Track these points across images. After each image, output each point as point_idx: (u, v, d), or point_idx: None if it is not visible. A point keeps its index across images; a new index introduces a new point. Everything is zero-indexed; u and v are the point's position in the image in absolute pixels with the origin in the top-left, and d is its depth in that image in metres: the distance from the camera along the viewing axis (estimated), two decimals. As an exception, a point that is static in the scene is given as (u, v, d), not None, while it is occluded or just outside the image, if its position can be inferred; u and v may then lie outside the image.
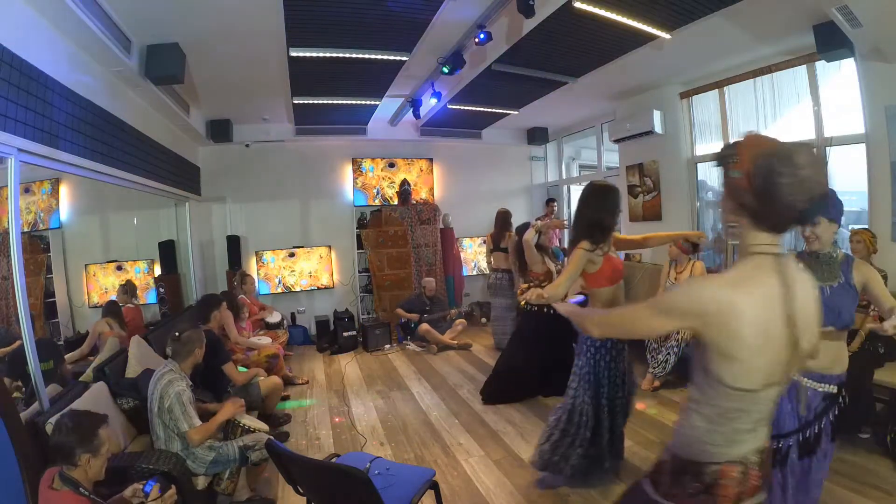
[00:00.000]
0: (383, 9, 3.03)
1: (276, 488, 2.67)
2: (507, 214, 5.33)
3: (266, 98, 4.89)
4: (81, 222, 4.47)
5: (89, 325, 3.82)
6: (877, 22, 2.78)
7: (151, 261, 4.98)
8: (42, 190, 4.10)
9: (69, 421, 1.64)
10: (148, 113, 3.99)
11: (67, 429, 1.61)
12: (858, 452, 2.66)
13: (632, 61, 4.07)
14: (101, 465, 1.65)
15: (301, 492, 1.79)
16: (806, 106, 3.88)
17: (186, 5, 2.82)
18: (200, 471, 2.29)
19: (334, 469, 1.60)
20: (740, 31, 3.49)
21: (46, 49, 2.46)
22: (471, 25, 3.22)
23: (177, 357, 2.43)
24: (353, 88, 4.70)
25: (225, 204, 6.04)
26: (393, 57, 3.80)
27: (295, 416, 3.76)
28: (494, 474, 2.72)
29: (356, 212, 6.44)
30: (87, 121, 2.88)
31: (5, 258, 2.41)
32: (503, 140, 7.13)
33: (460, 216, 6.75)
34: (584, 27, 3.38)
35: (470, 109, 5.61)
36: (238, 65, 3.83)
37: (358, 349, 5.67)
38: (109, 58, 2.95)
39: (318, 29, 3.31)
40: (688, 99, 4.87)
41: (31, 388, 2.28)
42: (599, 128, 6.31)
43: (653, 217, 5.27)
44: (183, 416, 2.24)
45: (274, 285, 6.19)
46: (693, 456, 1.03)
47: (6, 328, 3.04)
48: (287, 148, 6.18)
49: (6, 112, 2.08)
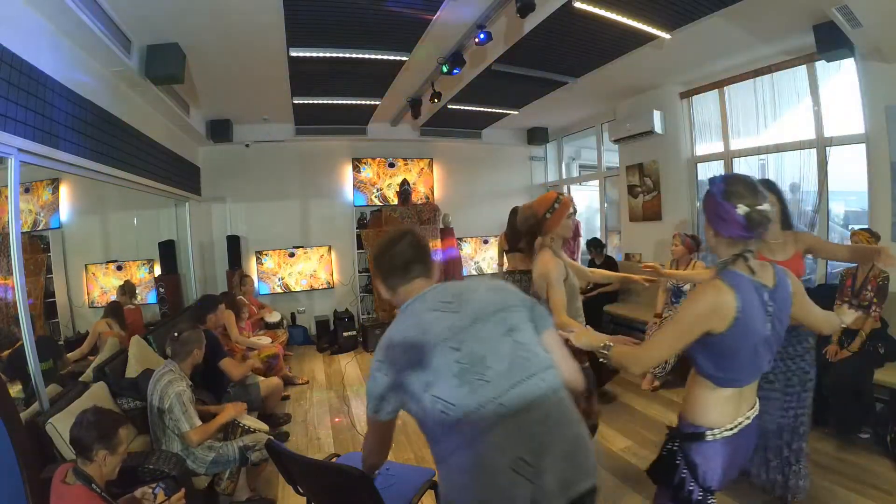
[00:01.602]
0: (383, 9, 3.03)
1: (276, 488, 2.68)
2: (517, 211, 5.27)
3: (266, 98, 4.88)
4: (81, 222, 4.47)
5: (89, 325, 3.82)
6: (877, 22, 2.78)
7: (151, 261, 4.97)
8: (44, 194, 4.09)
9: (92, 416, 1.65)
10: (148, 113, 3.99)
11: (89, 423, 1.63)
12: (858, 452, 2.66)
13: (632, 61, 4.07)
14: (115, 465, 1.66)
15: (301, 492, 1.79)
16: (806, 106, 3.88)
17: (186, 5, 2.81)
18: (200, 471, 2.29)
19: (334, 469, 1.60)
20: (740, 31, 3.49)
21: (46, 49, 2.46)
22: (471, 25, 3.22)
23: (176, 357, 2.43)
24: (353, 88, 4.70)
25: (225, 204, 6.03)
26: (393, 57, 3.80)
27: (295, 416, 3.76)
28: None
29: (356, 212, 6.45)
30: (87, 121, 2.88)
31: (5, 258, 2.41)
32: (503, 140, 7.13)
33: (460, 216, 6.75)
34: (584, 27, 3.38)
35: (470, 109, 5.61)
36: (238, 65, 3.83)
37: (358, 349, 5.67)
38: (109, 58, 2.95)
39: (318, 29, 3.31)
40: (688, 99, 4.87)
41: (31, 388, 2.28)
42: (599, 128, 6.31)
43: (653, 217, 5.27)
44: (183, 416, 2.24)
45: (274, 285, 6.19)
46: None
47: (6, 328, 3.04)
48: (287, 148, 6.18)
49: (6, 112, 2.08)
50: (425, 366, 1.10)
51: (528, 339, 1.18)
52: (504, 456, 1.04)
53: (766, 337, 1.27)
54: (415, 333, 1.16)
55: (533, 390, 1.10)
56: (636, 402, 3.60)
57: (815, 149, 3.81)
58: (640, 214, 5.44)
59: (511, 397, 1.08)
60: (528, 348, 1.16)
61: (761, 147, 4.24)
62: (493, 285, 1.29)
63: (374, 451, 1.32)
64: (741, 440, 1.33)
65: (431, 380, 1.09)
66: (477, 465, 1.06)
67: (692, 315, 1.25)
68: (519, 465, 1.04)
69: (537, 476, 1.04)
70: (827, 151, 3.71)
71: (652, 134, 4.95)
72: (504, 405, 1.07)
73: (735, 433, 1.31)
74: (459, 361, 1.10)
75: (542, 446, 1.06)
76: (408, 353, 1.13)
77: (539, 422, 1.08)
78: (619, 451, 2.92)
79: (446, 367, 1.09)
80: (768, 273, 1.32)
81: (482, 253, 7.19)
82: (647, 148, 5.20)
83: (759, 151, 4.28)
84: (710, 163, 4.81)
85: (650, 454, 2.83)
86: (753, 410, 1.37)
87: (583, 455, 1.12)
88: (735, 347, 1.25)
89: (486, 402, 1.07)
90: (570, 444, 1.10)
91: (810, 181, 3.91)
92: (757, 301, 1.25)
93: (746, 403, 1.35)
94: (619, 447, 2.96)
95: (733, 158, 4.50)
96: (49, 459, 2.00)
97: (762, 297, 1.26)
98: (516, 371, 1.11)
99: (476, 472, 1.06)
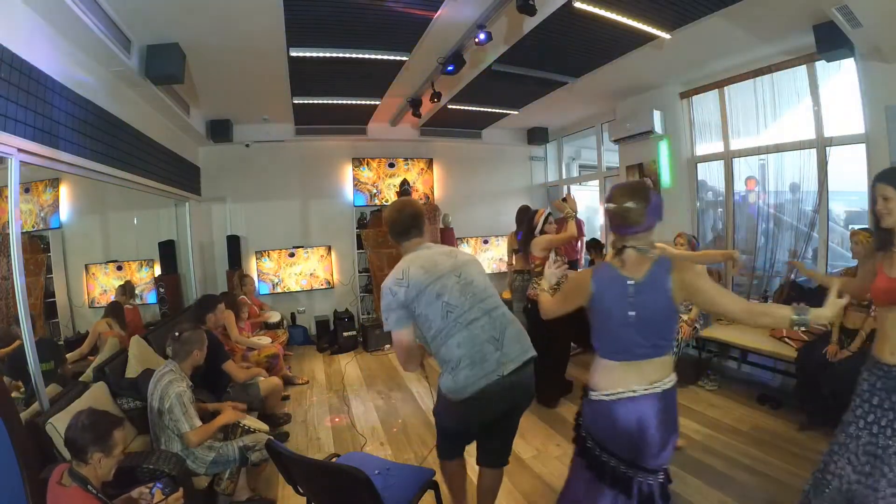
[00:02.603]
0: (383, 9, 3.03)
1: (276, 488, 2.68)
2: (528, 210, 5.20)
3: (266, 98, 4.88)
4: (81, 222, 4.46)
5: (89, 325, 3.82)
6: (877, 22, 2.78)
7: (151, 261, 4.97)
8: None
9: (86, 418, 1.64)
10: (148, 113, 3.99)
11: (83, 425, 1.61)
12: (858, 452, 2.66)
13: (632, 61, 4.07)
14: (111, 466, 1.65)
15: (301, 492, 1.79)
16: (806, 106, 3.88)
17: (186, 5, 2.81)
18: (200, 471, 2.29)
19: (334, 469, 1.60)
20: (740, 31, 3.49)
21: (46, 49, 2.46)
22: (471, 25, 3.22)
23: (177, 357, 2.43)
24: (353, 88, 4.70)
25: (225, 204, 6.04)
26: (393, 57, 3.80)
27: (295, 416, 3.76)
28: (494, 474, 2.72)
29: (356, 212, 6.45)
30: (87, 121, 2.88)
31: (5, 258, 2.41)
32: (503, 140, 7.13)
33: (460, 216, 6.75)
34: (584, 27, 3.38)
35: (470, 109, 5.61)
36: (238, 65, 3.83)
37: (358, 349, 5.67)
38: (109, 58, 2.95)
39: (318, 29, 3.31)
40: (688, 99, 4.86)
41: (31, 388, 2.28)
42: (599, 128, 6.30)
43: (653, 217, 5.26)
44: (184, 416, 2.24)
45: (274, 285, 6.19)
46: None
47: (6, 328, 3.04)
48: (287, 148, 6.18)
49: (6, 112, 2.08)
50: (438, 282, 1.80)
51: (483, 281, 1.92)
52: (484, 333, 1.78)
53: (628, 322, 1.51)
54: (429, 264, 1.84)
55: (493, 301, 1.88)
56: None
57: (815, 149, 3.81)
58: (640, 214, 5.43)
59: (486, 303, 1.84)
60: (486, 286, 1.91)
61: (761, 147, 4.24)
62: (454, 254, 1.96)
63: (401, 360, 1.90)
64: (622, 410, 1.51)
65: (441, 291, 1.79)
66: (469, 339, 1.76)
67: (567, 288, 1.73)
68: (492, 339, 1.79)
69: (501, 346, 1.79)
70: (827, 151, 3.71)
71: (652, 134, 4.95)
72: (481, 308, 1.82)
73: (613, 400, 1.52)
74: (459, 283, 1.83)
75: (502, 332, 1.82)
76: (428, 273, 1.81)
77: (498, 317, 1.84)
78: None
79: (452, 285, 1.81)
80: (641, 269, 1.53)
81: (482, 254, 7.18)
82: (647, 148, 5.20)
83: (759, 151, 4.27)
84: (710, 163, 4.81)
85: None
86: (647, 388, 1.50)
87: (525, 339, 1.89)
88: (599, 323, 1.59)
89: (473, 305, 1.81)
90: (516, 332, 1.86)
91: (810, 181, 3.90)
92: (617, 289, 1.54)
93: (637, 379, 1.51)
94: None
95: (733, 158, 4.50)
96: (49, 459, 1.99)
97: (624, 288, 1.52)
98: (485, 290, 1.89)
99: (469, 343, 1.76)
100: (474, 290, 1.83)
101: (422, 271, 1.80)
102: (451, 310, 1.78)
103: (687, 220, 4.90)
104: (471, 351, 1.74)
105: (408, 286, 1.78)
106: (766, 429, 2.56)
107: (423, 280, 1.78)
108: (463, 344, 1.75)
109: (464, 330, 1.76)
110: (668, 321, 1.55)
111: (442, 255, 1.89)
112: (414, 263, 1.83)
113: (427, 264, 1.83)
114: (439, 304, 1.77)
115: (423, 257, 1.86)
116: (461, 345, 1.75)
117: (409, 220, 1.91)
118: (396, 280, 1.81)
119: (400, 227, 1.92)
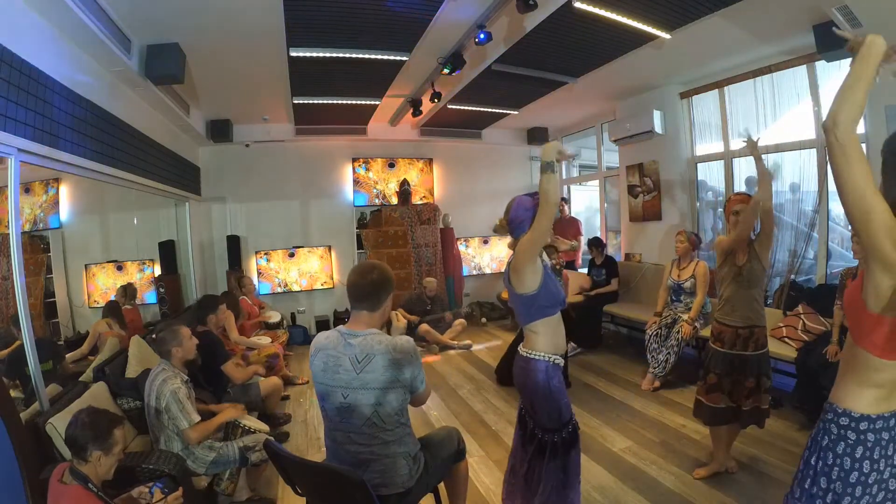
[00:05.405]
0: (383, 9, 3.04)
1: (276, 488, 2.68)
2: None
3: (266, 98, 4.89)
4: (81, 222, 4.46)
5: (89, 325, 3.82)
6: (877, 22, 2.78)
7: (151, 261, 4.97)
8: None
9: (86, 417, 1.64)
10: (148, 113, 3.99)
11: (83, 424, 1.61)
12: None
13: (632, 61, 4.07)
14: (111, 465, 1.65)
15: (300, 492, 1.79)
16: (806, 106, 3.89)
17: (186, 5, 2.82)
18: (200, 471, 2.29)
19: (329, 471, 1.60)
20: (740, 31, 3.49)
21: (46, 49, 2.46)
22: (471, 25, 3.22)
23: (164, 357, 2.43)
24: (353, 88, 4.70)
25: (225, 204, 6.04)
26: (393, 57, 3.80)
27: (295, 416, 3.76)
28: (494, 474, 2.72)
29: (356, 212, 6.45)
30: (87, 121, 2.88)
31: (5, 258, 2.41)
32: (503, 140, 7.13)
33: (460, 216, 6.75)
34: (584, 27, 3.39)
35: (470, 109, 5.61)
36: (238, 65, 3.83)
37: (358, 349, 5.66)
38: (109, 58, 2.95)
39: (318, 29, 3.32)
40: (688, 99, 4.87)
41: (30, 388, 2.28)
42: (599, 128, 6.31)
43: (653, 217, 5.28)
44: (181, 413, 2.23)
45: (274, 285, 6.19)
46: None
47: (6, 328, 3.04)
48: (287, 148, 6.18)
49: (6, 112, 2.08)
50: (326, 386, 1.65)
51: (371, 411, 1.63)
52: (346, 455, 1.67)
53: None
54: (332, 364, 1.62)
55: (371, 440, 1.64)
56: (636, 402, 3.60)
57: (815, 149, 3.82)
58: (640, 214, 5.45)
59: (358, 436, 1.63)
60: (367, 418, 1.62)
61: (761, 147, 4.20)
62: (368, 359, 1.61)
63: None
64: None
65: (325, 396, 1.65)
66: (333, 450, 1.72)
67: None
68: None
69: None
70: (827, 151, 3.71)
71: (652, 134, 4.95)
72: (350, 438, 1.64)
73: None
74: (342, 402, 1.61)
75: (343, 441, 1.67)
76: (325, 372, 1.64)
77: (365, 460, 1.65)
78: (619, 451, 2.91)
79: (334, 399, 1.63)
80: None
81: (482, 255, 7.19)
82: (647, 148, 5.20)
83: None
84: (710, 163, 4.81)
85: (650, 454, 2.84)
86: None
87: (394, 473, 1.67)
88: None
89: (346, 431, 1.65)
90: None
91: (810, 181, 3.91)
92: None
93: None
94: (619, 447, 2.96)
95: (733, 158, 4.50)
96: (49, 459, 1.99)
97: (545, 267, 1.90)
98: (366, 425, 1.62)
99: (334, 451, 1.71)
100: (351, 419, 1.60)
101: (321, 366, 1.64)
102: (327, 416, 1.68)
103: (687, 219, 4.91)
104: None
105: (312, 364, 1.68)
106: (765, 429, 2.56)
107: (318, 375, 1.65)
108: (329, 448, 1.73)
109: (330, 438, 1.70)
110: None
111: (353, 359, 1.59)
112: (323, 351, 1.65)
113: (330, 363, 1.61)
114: (323, 403, 1.67)
115: (332, 353, 1.62)
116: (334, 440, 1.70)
117: (368, 287, 1.64)
118: (312, 346, 1.72)
119: (355, 292, 1.65)
